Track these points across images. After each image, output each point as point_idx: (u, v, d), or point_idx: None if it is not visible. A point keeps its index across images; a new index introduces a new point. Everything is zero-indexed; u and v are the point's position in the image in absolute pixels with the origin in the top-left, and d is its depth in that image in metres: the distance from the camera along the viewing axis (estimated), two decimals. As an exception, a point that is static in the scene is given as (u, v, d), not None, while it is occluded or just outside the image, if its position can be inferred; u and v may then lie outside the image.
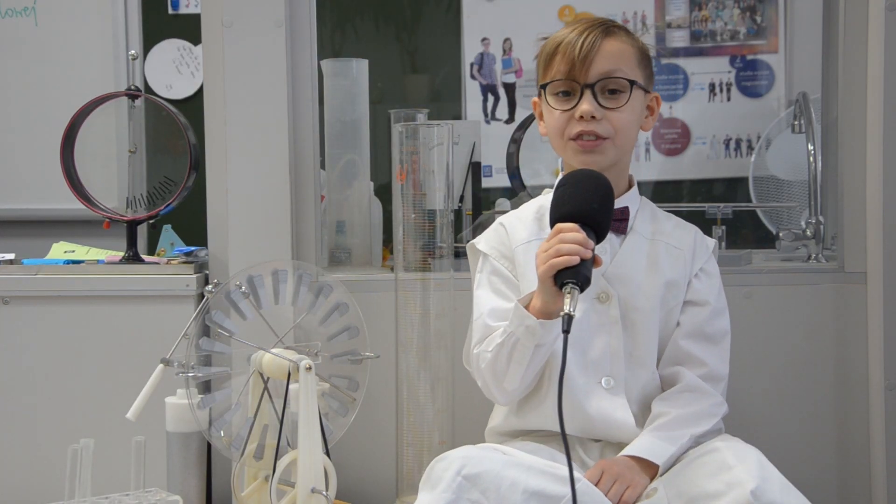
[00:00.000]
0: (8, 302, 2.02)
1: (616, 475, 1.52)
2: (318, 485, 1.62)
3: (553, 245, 1.46)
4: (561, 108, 1.64)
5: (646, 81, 1.68)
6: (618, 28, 1.66)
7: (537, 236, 1.67)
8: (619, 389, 1.62)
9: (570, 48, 1.62)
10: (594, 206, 1.50)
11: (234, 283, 1.70)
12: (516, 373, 1.58)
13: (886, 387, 1.91)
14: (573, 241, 1.45)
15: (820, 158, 2.21)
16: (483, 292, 1.69)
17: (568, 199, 1.52)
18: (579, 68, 1.61)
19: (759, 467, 1.44)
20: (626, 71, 1.63)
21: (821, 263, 2.11)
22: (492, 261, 1.70)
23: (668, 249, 1.68)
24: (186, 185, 2.08)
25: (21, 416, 2.02)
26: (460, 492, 1.41)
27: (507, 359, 1.57)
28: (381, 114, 2.51)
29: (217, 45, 1.99)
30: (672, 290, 1.66)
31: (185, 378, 1.66)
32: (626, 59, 1.64)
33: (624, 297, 1.64)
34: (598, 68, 1.62)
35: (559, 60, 1.64)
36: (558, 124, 1.65)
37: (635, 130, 1.67)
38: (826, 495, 1.99)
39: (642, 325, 1.64)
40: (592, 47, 1.61)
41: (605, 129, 1.62)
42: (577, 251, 1.45)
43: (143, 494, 1.72)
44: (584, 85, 1.62)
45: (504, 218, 1.75)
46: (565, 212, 1.51)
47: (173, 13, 3.52)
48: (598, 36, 1.63)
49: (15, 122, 3.44)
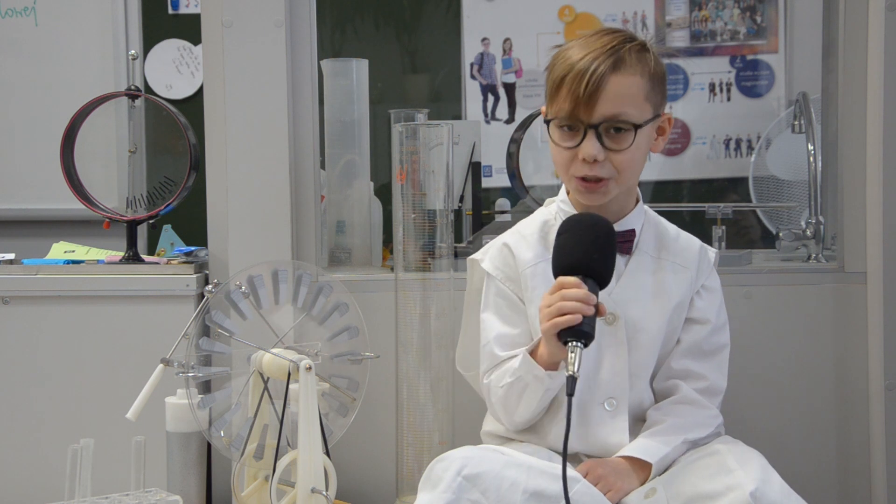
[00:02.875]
0: (8, 302, 2.02)
1: (599, 477, 1.52)
2: (318, 485, 1.62)
3: (555, 302, 1.46)
4: (564, 144, 1.60)
5: (656, 107, 1.62)
6: (630, 54, 1.58)
7: (543, 257, 1.65)
8: (620, 410, 1.62)
9: (575, 83, 1.55)
10: (595, 257, 1.50)
11: (234, 283, 1.70)
12: (527, 410, 1.61)
13: (886, 387, 1.91)
14: (575, 299, 1.45)
15: (820, 158, 2.21)
16: (489, 316, 1.68)
17: (569, 251, 1.51)
18: (584, 108, 1.56)
19: (760, 470, 1.44)
20: (632, 113, 1.57)
21: (821, 263, 2.11)
22: (497, 283, 1.69)
23: (675, 269, 1.67)
24: (186, 185, 2.08)
25: (21, 416, 2.02)
26: (460, 492, 1.41)
27: (518, 398, 1.60)
28: (381, 114, 2.50)
29: (217, 45, 1.99)
30: (678, 310, 1.66)
31: (185, 378, 1.66)
32: (633, 97, 1.57)
33: (631, 319, 1.63)
34: (602, 111, 1.56)
35: (564, 95, 1.58)
36: (563, 160, 1.62)
37: (641, 164, 1.63)
38: (826, 495, 1.99)
39: (646, 346, 1.64)
40: (598, 87, 1.55)
41: (607, 171, 1.59)
42: (580, 309, 1.45)
43: (143, 494, 1.72)
44: (588, 125, 1.57)
45: (508, 237, 1.72)
46: (566, 264, 1.50)
47: (173, 13, 3.52)
48: (606, 70, 1.55)
49: (15, 122, 3.44)
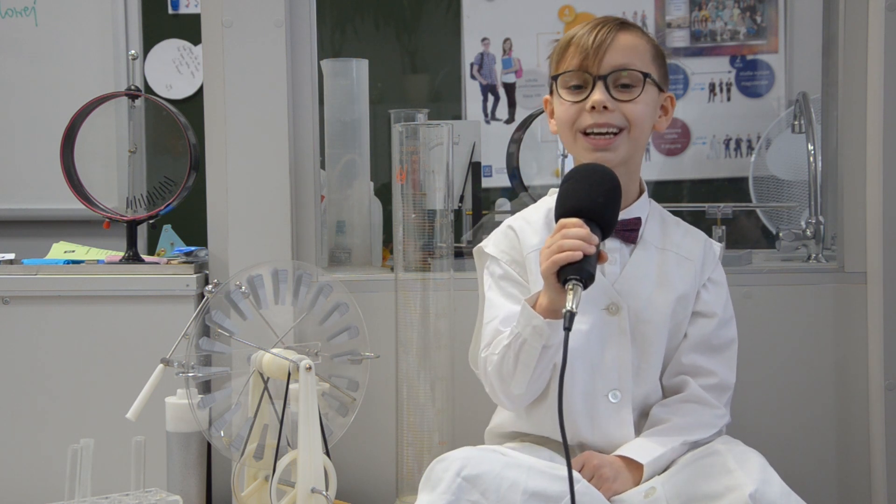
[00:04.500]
0: (8, 302, 2.02)
1: (595, 468, 1.52)
2: (318, 485, 1.62)
3: (556, 241, 1.45)
4: (572, 99, 1.62)
5: (660, 79, 1.66)
6: (633, 25, 1.66)
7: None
8: (624, 403, 1.61)
9: (583, 40, 1.61)
10: (599, 201, 1.48)
11: (234, 283, 1.70)
12: (523, 376, 1.55)
13: (886, 387, 1.91)
14: (576, 237, 1.43)
15: (820, 158, 2.20)
16: (495, 296, 1.66)
17: (573, 194, 1.50)
18: (592, 60, 1.60)
19: (760, 471, 1.44)
20: (640, 65, 1.61)
21: (821, 263, 2.11)
22: (502, 265, 1.67)
23: (679, 261, 1.66)
24: (186, 185, 2.08)
25: (21, 416, 2.02)
26: (460, 493, 1.40)
27: (514, 361, 1.54)
28: (381, 114, 2.50)
29: (217, 45, 1.99)
30: (682, 303, 1.64)
31: (185, 378, 1.66)
32: (640, 53, 1.63)
33: (634, 310, 1.62)
34: (611, 60, 1.60)
35: (572, 53, 1.62)
36: (569, 116, 1.62)
37: (649, 125, 1.64)
38: (826, 495, 1.99)
39: (651, 338, 1.62)
40: (606, 39, 1.60)
41: (618, 119, 1.60)
42: (580, 246, 1.42)
43: (143, 494, 1.72)
44: (597, 76, 1.60)
45: (513, 221, 1.71)
46: (569, 206, 1.49)
47: (173, 13, 3.52)
48: (612, 29, 1.62)
49: (15, 122, 3.44)
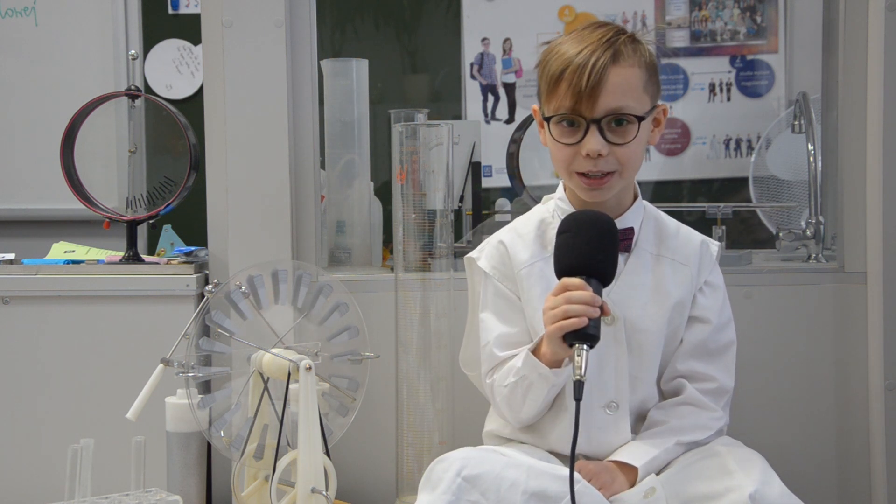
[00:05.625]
0: (8, 302, 2.02)
1: (592, 473, 1.52)
2: (318, 485, 1.62)
3: (560, 304, 1.45)
4: (566, 141, 1.57)
5: (653, 98, 1.60)
6: (625, 45, 1.56)
7: (540, 256, 1.64)
8: (622, 413, 1.61)
9: (575, 78, 1.53)
10: (599, 258, 1.48)
11: (234, 283, 1.70)
12: (532, 407, 1.59)
13: (886, 387, 1.91)
14: (580, 301, 1.44)
15: (820, 158, 2.20)
16: (488, 316, 1.66)
17: (573, 250, 1.49)
18: (586, 103, 1.53)
19: (760, 472, 1.44)
20: (634, 105, 1.55)
21: (821, 263, 2.11)
22: (495, 282, 1.67)
23: (674, 267, 1.65)
24: (186, 185, 2.08)
25: (21, 416, 2.02)
26: (460, 493, 1.41)
27: (523, 397, 1.58)
28: (381, 114, 2.51)
29: (217, 45, 1.99)
30: (678, 309, 1.63)
31: (185, 378, 1.66)
32: (634, 88, 1.55)
33: (630, 320, 1.61)
34: (605, 104, 1.53)
35: (564, 91, 1.55)
36: (564, 157, 1.59)
37: (642, 156, 1.61)
38: (826, 495, 1.99)
39: (647, 347, 1.62)
40: (600, 80, 1.52)
41: (611, 164, 1.56)
42: (585, 312, 1.43)
43: (143, 494, 1.72)
44: (591, 120, 1.54)
45: (504, 235, 1.70)
46: (569, 264, 1.49)
47: (173, 13, 3.52)
48: (606, 63, 1.53)
49: (15, 122, 3.44)
